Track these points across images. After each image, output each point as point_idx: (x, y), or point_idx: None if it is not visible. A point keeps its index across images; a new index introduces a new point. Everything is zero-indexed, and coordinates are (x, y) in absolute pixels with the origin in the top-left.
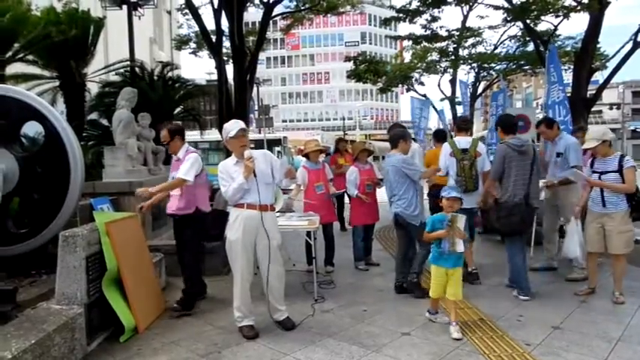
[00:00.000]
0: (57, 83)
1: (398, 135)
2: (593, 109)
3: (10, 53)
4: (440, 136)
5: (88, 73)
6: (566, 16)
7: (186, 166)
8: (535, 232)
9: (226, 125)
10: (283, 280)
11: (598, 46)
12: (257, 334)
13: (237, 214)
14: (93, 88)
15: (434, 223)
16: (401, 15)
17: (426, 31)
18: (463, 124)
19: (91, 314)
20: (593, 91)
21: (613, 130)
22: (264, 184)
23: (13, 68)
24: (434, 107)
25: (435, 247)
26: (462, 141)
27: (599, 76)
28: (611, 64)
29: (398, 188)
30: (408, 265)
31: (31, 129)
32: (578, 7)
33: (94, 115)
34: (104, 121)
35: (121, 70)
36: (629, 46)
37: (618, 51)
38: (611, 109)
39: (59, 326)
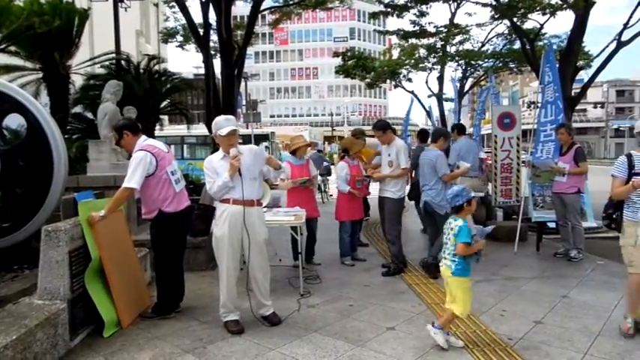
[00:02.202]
0: (40, 75)
1: (441, 132)
2: (577, 108)
3: None
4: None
5: (72, 65)
6: (552, 14)
7: (129, 171)
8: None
9: (218, 120)
10: (269, 276)
11: (583, 45)
12: (242, 330)
13: (224, 210)
14: (77, 80)
15: (471, 234)
16: (389, 10)
17: (414, 26)
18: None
19: (75, 309)
20: (578, 90)
21: (596, 128)
22: (250, 180)
23: None
24: (423, 106)
25: (467, 259)
26: None
27: (584, 75)
28: (596, 63)
29: (429, 179)
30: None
31: (14, 121)
32: (564, 6)
33: (78, 108)
34: (89, 115)
35: (107, 63)
36: (614, 45)
37: (603, 50)
38: (595, 107)
39: (41, 322)
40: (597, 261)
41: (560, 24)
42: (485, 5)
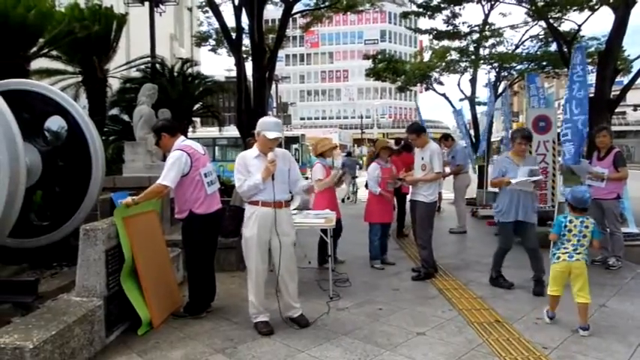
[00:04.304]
0: (80, 79)
1: (512, 135)
2: (616, 111)
3: (35, 48)
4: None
5: (109, 68)
6: (591, 9)
7: (165, 169)
8: None
9: (268, 121)
10: (296, 277)
11: (623, 48)
12: (272, 331)
13: (253, 212)
14: (114, 83)
15: None
16: (421, 10)
17: (447, 26)
18: None
19: (110, 307)
20: (617, 92)
21: (636, 132)
22: (280, 183)
23: (37, 63)
24: (454, 108)
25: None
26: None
27: (623, 78)
28: (636, 65)
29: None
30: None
31: (54, 123)
32: (604, 2)
33: (115, 111)
34: (125, 117)
35: (142, 67)
36: None
37: None
38: (635, 110)
39: (79, 318)
40: (637, 269)
41: (599, 25)
42: (520, 2)
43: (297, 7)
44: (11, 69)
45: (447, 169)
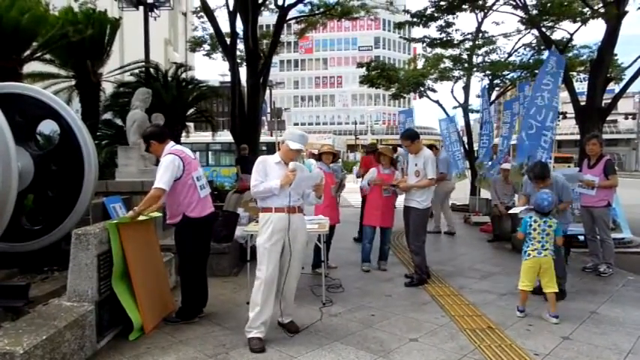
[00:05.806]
0: (73, 82)
1: (527, 173)
2: (608, 119)
3: (28, 52)
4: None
5: (103, 72)
6: (583, 22)
7: (159, 173)
8: None
9: (294, 131)
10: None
11: (615, 57)
12: (264, 348)
13: (267, 218)
14: (108, 88)
15: None
16: (415, 20)
17: (441, 34)
18: None
19: (102, 312)
20: (609, 101)
21: (627, 140)
22: (295, 192)
23: (30, 67)
24: (447, 115)
25: None
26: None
27: (615, 86)
28: (628, 74)
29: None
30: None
31: (47, 127)
32: (595, 15)
33: (108, 115)
34: (118, 121)
35: (136, 71)
36: None
37: (635, 60)
38: (626, 118)
39: (70, 323)
40: (628, 276)
41: (591, 34)
42: (516, 7)
43: (292, 14)
44: (4, 72)
45: None
